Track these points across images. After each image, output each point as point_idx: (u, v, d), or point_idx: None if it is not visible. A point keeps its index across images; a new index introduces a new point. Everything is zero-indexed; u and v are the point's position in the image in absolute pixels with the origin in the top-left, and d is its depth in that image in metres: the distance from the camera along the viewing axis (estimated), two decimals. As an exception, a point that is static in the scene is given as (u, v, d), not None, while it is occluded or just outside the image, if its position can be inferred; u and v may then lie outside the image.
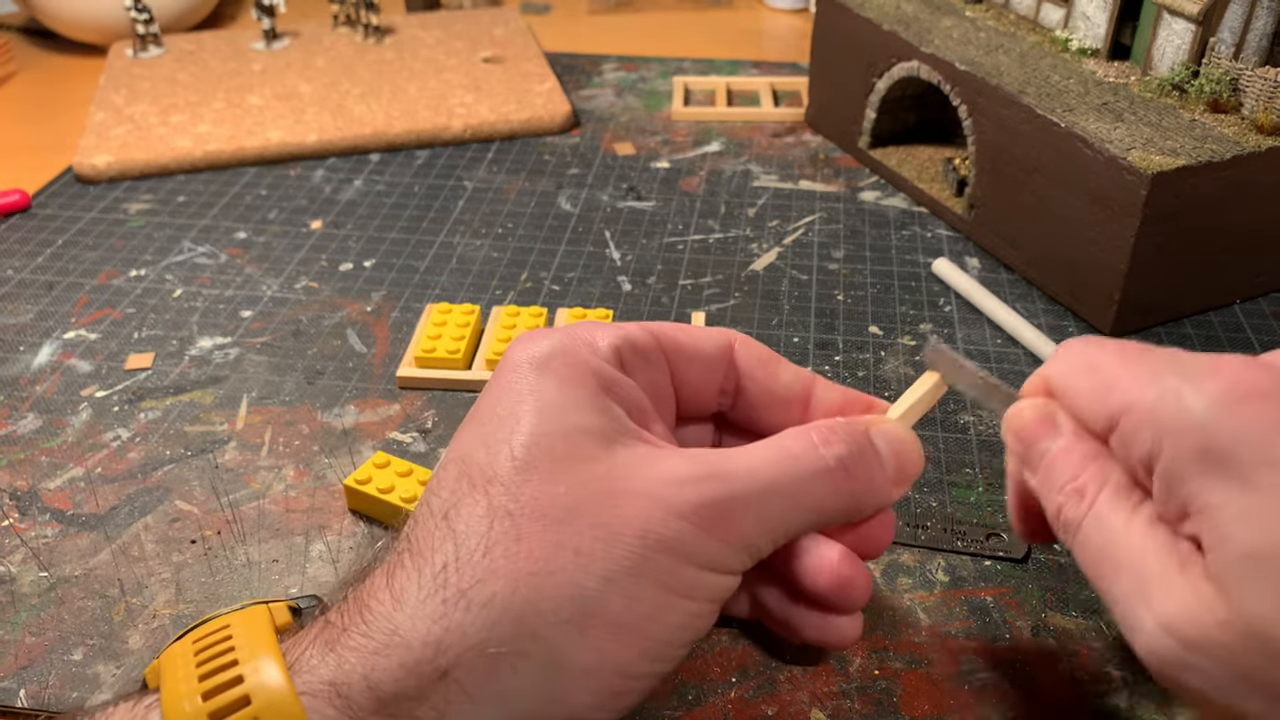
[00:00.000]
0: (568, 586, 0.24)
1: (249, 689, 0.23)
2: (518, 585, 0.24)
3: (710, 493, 0.25)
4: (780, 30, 0.95)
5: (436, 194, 0.66)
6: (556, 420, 0.26)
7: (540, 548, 0.24)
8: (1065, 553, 0.39)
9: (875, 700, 0.34)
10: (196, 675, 0.24)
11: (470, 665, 0.23)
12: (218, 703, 0.23)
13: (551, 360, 0.27)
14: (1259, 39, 0.50)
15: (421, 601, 0.24)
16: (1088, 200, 0.49)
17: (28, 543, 0.41)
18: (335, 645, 0.24)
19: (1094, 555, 0.26)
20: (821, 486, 0.27)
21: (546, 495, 0.25)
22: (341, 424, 0.46)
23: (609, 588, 0.24)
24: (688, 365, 0.31)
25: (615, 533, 0.24)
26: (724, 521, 0.25)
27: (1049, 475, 0.28)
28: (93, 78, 0.83)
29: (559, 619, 0.24)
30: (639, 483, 0.25)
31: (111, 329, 0.53)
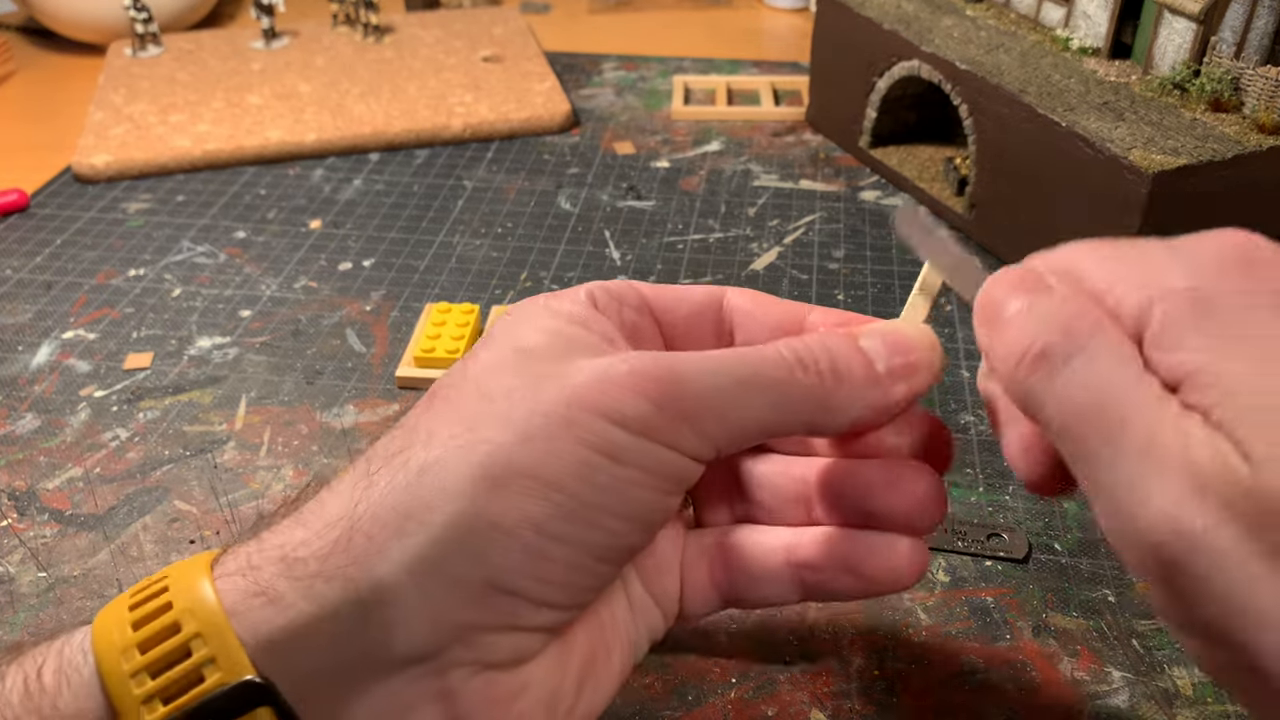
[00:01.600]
0: (484, 444, 0.23)
1: (172, 596, 0.23)
2: (435, 445, 0.23)
3: (649, 365, 0.24)
4: (780, 29, 0.95)
5: (436, 193, 0.66)
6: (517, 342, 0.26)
7: (464, 413, 0.24)
8: (1066, 553, 0.39)
9: (876, 700, 0.34)
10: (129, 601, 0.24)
11: (378, 517, 0.23)
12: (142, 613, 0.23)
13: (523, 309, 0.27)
14: (1260, 38, 0.50)
15: (349, 479, 0.24)
16: (1089, 200, 0.49)
17: (26, 543, 0.40)
18: (262, 531, 0.24)
19: (1082, 404, 0.21)
20: (777, 373, 0.25)
21: (488, 382, 0.25)
22: (341, 424, 0.46)
23: (526, 444, 0.23)
24: (673, 313, 0.29)
25: (542, 399, 0.24)
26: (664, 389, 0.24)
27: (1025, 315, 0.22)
28: (92, 77, 0.83)
29: (470, 475, 0.23)
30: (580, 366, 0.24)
31: (110, 329, 0.53)
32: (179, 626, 0.22)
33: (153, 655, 0.22)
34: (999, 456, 0.44)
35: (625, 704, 0.34)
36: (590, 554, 0.24)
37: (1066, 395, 0.21)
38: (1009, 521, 0.40)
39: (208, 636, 0.22)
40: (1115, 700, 0.33)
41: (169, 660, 0.22)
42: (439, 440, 0.23)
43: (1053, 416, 0.21)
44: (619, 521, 0.24)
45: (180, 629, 0.22)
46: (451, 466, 0.23)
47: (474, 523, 0.22)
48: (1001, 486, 0.42)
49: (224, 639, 0.22)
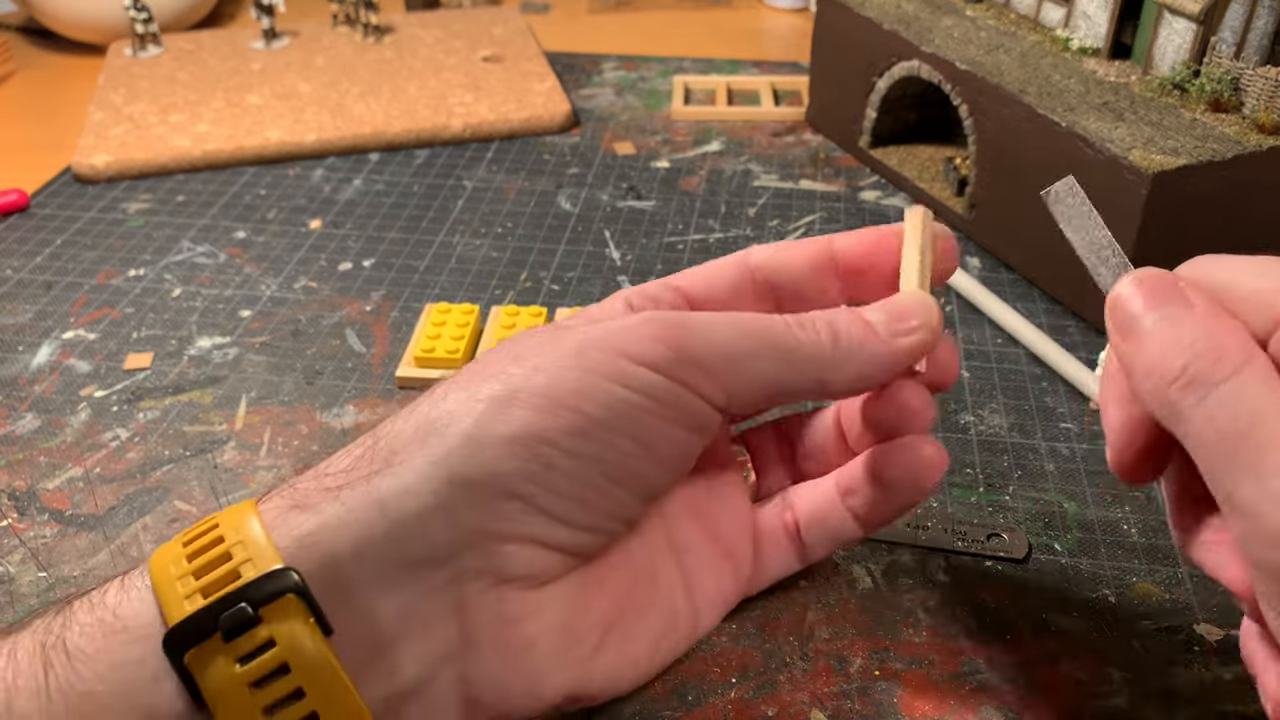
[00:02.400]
0: (498, 374, 0.26)
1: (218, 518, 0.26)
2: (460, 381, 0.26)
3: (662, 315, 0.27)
4: (780, 29, 0.95)
5: (436, 193, 0.66)
6: None
7: (490, 361, 0.27)
8: (1066, 553, 0.39)
9: (876, 701, 0.34)
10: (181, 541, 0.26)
11: (402, 432, 0.25)
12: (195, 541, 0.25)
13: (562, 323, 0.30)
14: (1260, 38, 0.50)
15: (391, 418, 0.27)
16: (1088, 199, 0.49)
17: (26, 543, 0.40)
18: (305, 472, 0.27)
19: (1227, 428, 0.22)
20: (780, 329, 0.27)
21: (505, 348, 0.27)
22: (341, 424, 0.46)
23: (536, 372, 0.26)
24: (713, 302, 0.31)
25: (557, 341, 0.26)
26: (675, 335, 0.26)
27: (1172, 333, 0.24)
28: (91, 77, 0.83)
29: (489, 394, 0.25)
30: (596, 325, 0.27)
31: (110, 329, 0.53)
32: (222, 539, 0.25)
33: (198, 563, 0.24)
34: (999, 456, 0.44)
35: (625, 704, 0.34)
36: (601, 472, 0.26)
37: (1213, 418, 0.22)
38: (1009, 522, 0.40)
39: (246, 543, 0.24)
40: (1115, 700, 0.33)
41: (211, 564, 0.24)
42: (463, 379, 0.26)
43: (1197, 434, 0.23)
44: (629, 443, 0.26)
45: (223, 540, 0.24)
46: (474, 392, 0.26)
47: (485, 434, 0.25)
48: (1001, 487, 0.42)
49: (259, 542, 0.24)
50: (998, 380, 0.48)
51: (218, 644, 0.23)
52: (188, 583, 0.24)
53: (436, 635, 0.25)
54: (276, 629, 0.23)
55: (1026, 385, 0.48)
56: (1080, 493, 0.42)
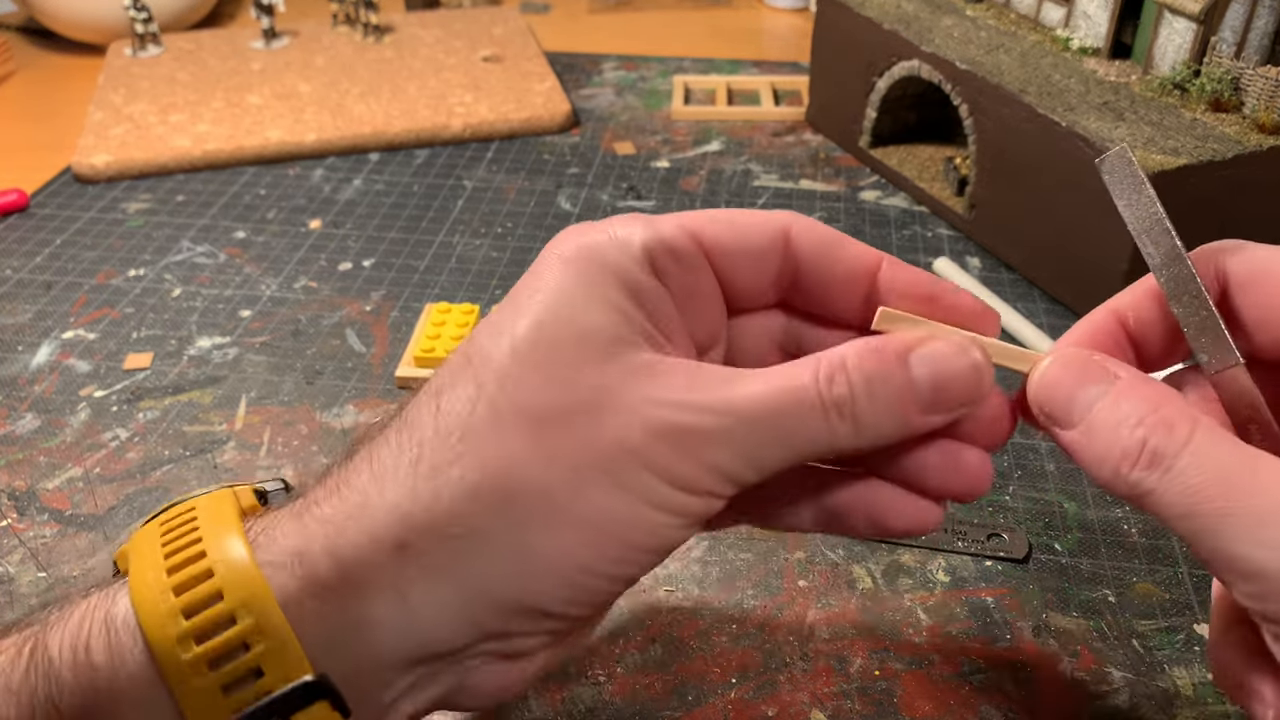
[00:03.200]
0: (537, 482, 0.24)
1: (211, 562, 0.23)
2: (488, 472, 0.24)
3: (690, 421, 0.25)
4: (781, 29, 0.95)
5: (436, 193, 0.66)
6: (566, 314, 0.25)
7: (516, 441, 0.24)
8: (1066, 553, 0.39)
9: (876, 701, 0.34)
10: (162, 554, 0.24)
11: (430, 540, 0.24)
12: (181, 577, 0.23)
13: (579, 256, 0.26)
14: (1260, 38, 0.50)
15: (395, 472, 0.24)
16: (1089, 200, 0.49)
17: (26, 543, 0.40)
18: (303, 516, 0.25)
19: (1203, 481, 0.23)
20: (816, 425, 0.25)
21: (534, 390, 0.25)
22: (340, 424, 0.46)
23: (578, 491, 0.24)
24: (733, 262, 0.29)
25: (592, 440, 0.24)
26: (701, 449, 0.25)
27: (1115, 411, 0.24)
28: (91, 77, 0.83)
29: (525, 512, 0.24)
30: (627, 397, 0.25)
31: (110, 329, 0.53)
32: (234, 619, 0.23)
33: (209, 647, 0.23)
34: (999, 456, 0.44)
35: (625, 704, 0.34)
36: (621, 583, 0.26)
37: (1184, 484, 0.23)
38: (1009, 522, 0.40)
39: (266, 631, 0.23)
40: (1115, 700, 0.33)
41: (226, 651, 0.23)
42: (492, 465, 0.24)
43: (1171, 505, 0.23)
44: (649, 555, 0.26)
45: (236, 621, 0.23)
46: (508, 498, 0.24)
47: (523, 556, 0.24)
48: (1001, 487, 0.42)
49: (282, 637, 0.23)
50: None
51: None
52: (201, 670, 0.23)
53: (437, 688, 0.25)
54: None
55: (1026, 385, 0.48)
56: (1080, 493, 0.42)
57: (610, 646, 0.36)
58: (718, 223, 0.28)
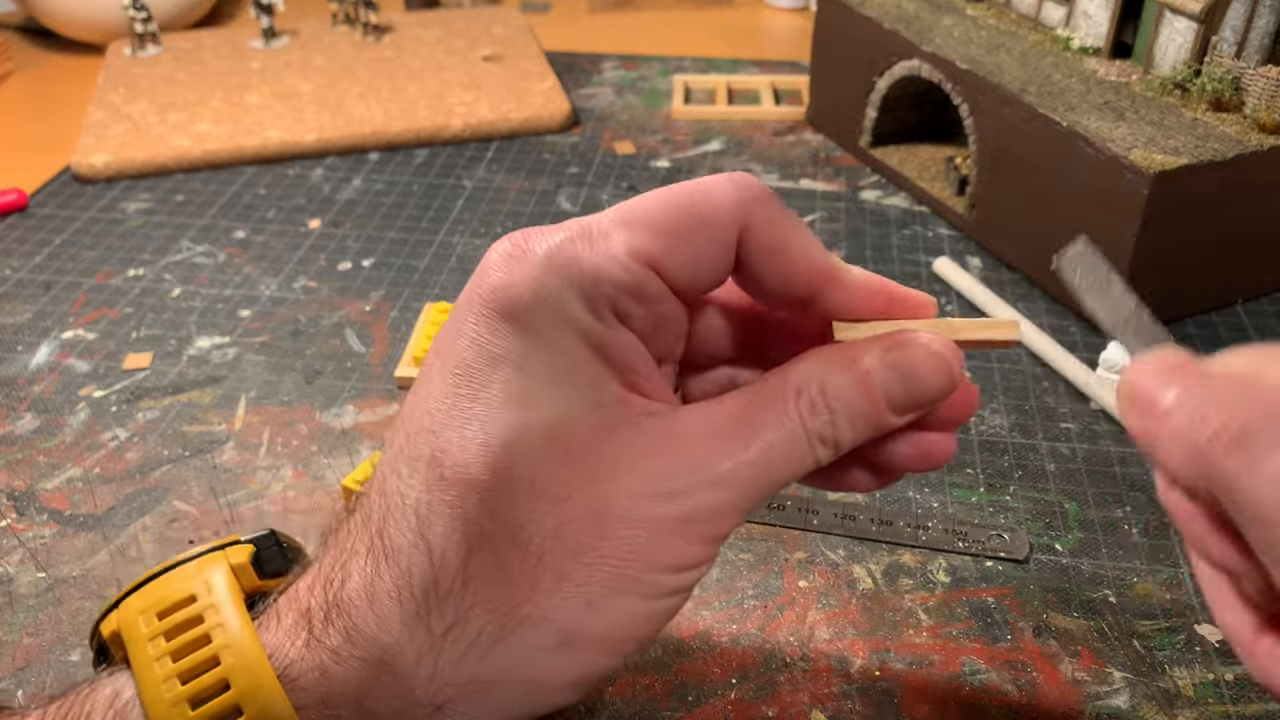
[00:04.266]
0: (552, 615, 0.24)
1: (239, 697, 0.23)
2: (504, 620, 0.24)
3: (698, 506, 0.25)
4: (781, 29, 0.94)
5: (435, 193, 0.66)
6: (540, 410, 0.23)
7: (522, 578, 0.24)
8: (1067, 553, 0.39)
9: (876, 701, 0.34)
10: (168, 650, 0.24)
11: (463, 696, 0.24)
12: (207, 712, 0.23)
13: (531, 313, 0.23)
14: (1261, 38, 0.50)
15: (407, 627, 0.24)
16: (1089, 199, 0.49)
17: (25, 543, 0.40)
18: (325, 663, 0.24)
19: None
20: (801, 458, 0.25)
21: (526, 515, 0.23)
22: (340, 424, 0.46)
23: (591, 611, 0.24)
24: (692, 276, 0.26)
25: (599, 557, 0.24)
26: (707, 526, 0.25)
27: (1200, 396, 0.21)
28: (91, 77, 0.83)
29: (545, 647, 0.24)
30: (624, 498, 0.24)
31: (109, 329, 0.53)
32: None
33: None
34: (999, 456, 0.44)
35: (625, 704, 0.34)
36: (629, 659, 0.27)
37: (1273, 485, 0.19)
38: (1009, 522, 0.40)
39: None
40: (1116, 701, 0.33)
41: None
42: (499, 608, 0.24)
43: (1251, 504, 0.19)
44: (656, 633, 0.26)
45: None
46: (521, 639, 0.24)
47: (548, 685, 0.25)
48: (1002, 487, 0.42)
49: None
50: (998, 380, 0.48)
51: None
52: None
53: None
54: None
55: (1027, 385, 0.48)
56: (1081, 493, 0.42)
57: (610, 647, 0.36)
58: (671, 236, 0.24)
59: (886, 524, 0.40)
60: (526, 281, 0.23)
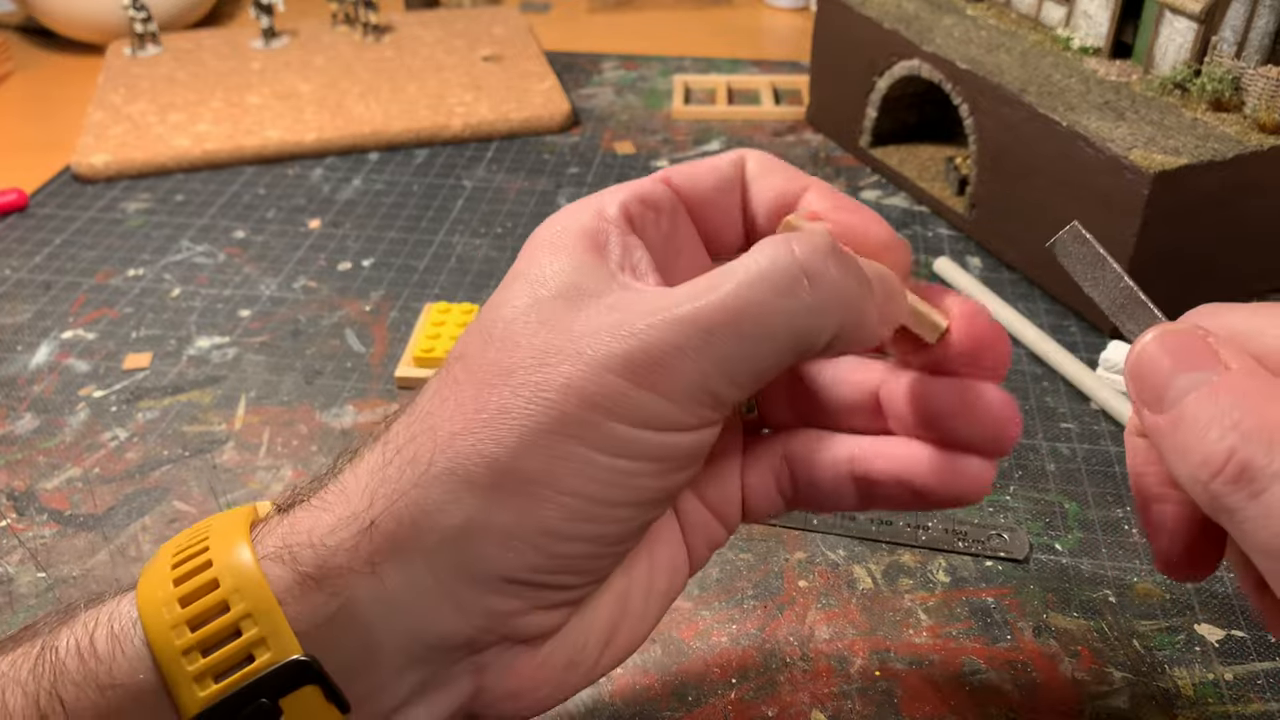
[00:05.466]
0: (487, 444, 0.23)
1: (211, 555, 0.24)
2: (441, 445, 0.24)
3: (641, 343, 0.23)
4: (781, 28, 0.94)
5: (435, 193, 0.66)
6: (532, 292, 0.25)
7: (465, 408, 0.24)
8: (1067, 553, 0.39)
9: (876, 701, 0.34)
10: (171, 557, 0.24)
11: (394, 514, 0.23)
12: (183, 571, 0.24)
13: (550, 232, 0.27)
14: (1261, 38, 0.50)
15: (369, 462, 0.25)
16: (1089, 200, 0.49)
17: (25, 543, 0.40)
18: (293, 509, 0.25)
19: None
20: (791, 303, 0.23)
21: (492, 361, 0.24)
22: (340, 424, 0.46)
23: (526, 446, 0.23)
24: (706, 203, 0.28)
25: (539, 389, 0.23)
26: (658, 372, 0.23)
27: (1209, 408, 0.21)
28: (91, 77, 0.83)
29: (476, 480, 0.23)
30: (576, 337, 0.23)
31: (109, 329, 0.53)
32: (227, 605, 0.23)
33: (203, 634, 0.23)
34: (999, 456, 0.44)
35: (625, 704, 0.34)
36: (604, 543, 0.25)
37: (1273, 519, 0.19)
38: (1010, 522, 0.40)
39: (257, 616, 0.23)
40: (1116, 701, 0.33)
41: (219, 638, 0.23)
42: (443, 438, 0.24)
43: (1254, 537, 0.20)
44: (630, 509, 0.24)
45: (229, 608, 0.23)
46: (457, 471, 0.23)
47: (481, 529, 0.23)
48: (1002, 487, 0.42)
49: (273, 620, 0.23)
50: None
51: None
52: (194, 658, 0.23)
53: (452, 692, 0.25)
54: None
55: (1027, 385, 0.48)
56: (1081, 493, 0.42)
57: (610, 647, 0.36)
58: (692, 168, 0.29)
59: (886, 524, 0.40)
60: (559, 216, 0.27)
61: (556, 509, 0.23)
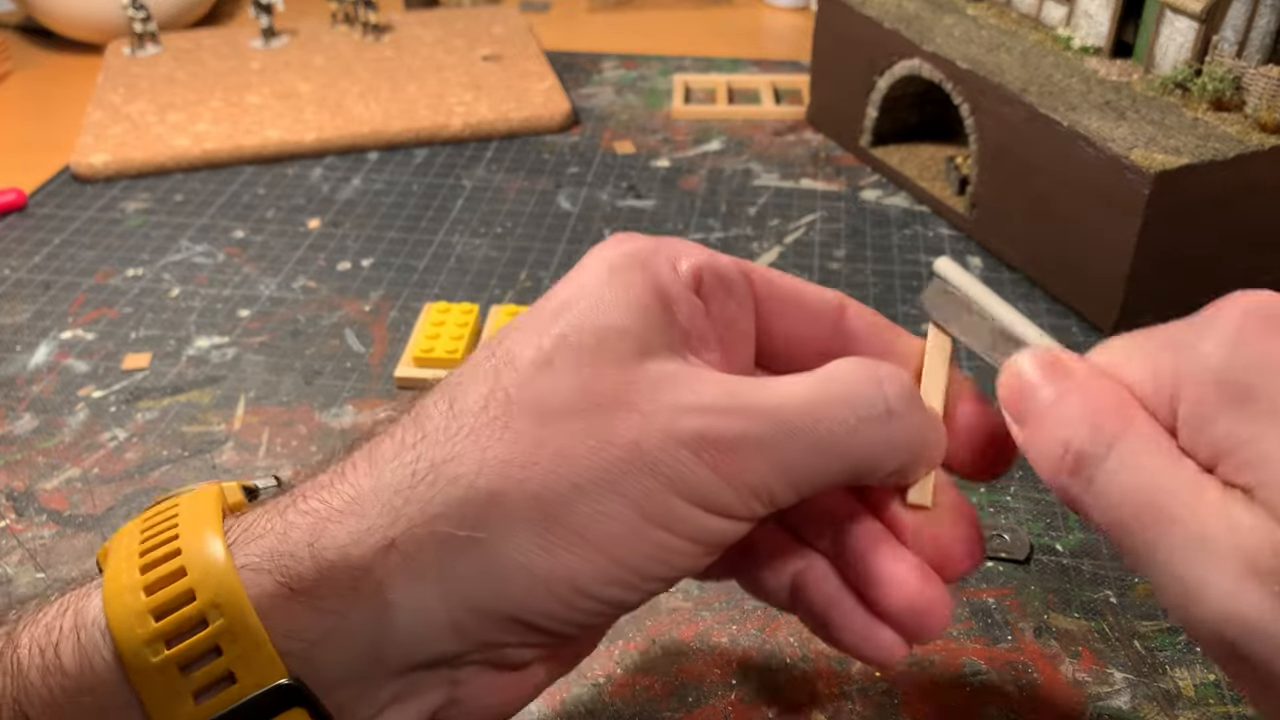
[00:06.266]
0: (536, 484, 0.22)
1: (185, 561, 0.22)
2: (487, 470, 0.22)
3: (721, 428, 0.23)
4: (781, 28, 0.94)
5: (435, 193, 0.66)
6: (595, 317, 0.24)
7: (523, 439, 0.23)
8: (1068, 554, 0.39)
9: (876, 702, 0.33)
10: (138, 552, 0.23)
11: (418, 539, 0.22)
12: (154, 576, 0.22)
13: (620, 262, 0.25)
14: (1262, 37, 0.50)
15: (393, 470, 0.23)
16: (1090, 199, 0.49)
17: (24, 544, 0.40)
18: (287, 511, 0.23)
19: (1125, 500, 0.21)
20: (872, 432, 0.24)
21: (551, 390, 0.23)
22: (340, 424, 0.46)
23: (579, 496, 0.22)
24: (781, 311, 0.28)
25: (603, 441, 0.22)
26: (730, 459, 0.22)
27: (1054, 412, 0.22)
28: (90, 76, 0.83)
29: (519, 514, 0.22)
30: (649, 399, 0.23)
31: (109, 329, 0.53)
32: (205, 620, 0.22)
33: (180, 650, 0.21)
34: (1000, 457, 0.43)
35: (625, 704, 0.34)
36: (621, 609, 0.24)
37: (1107, 497, 0.21)
38: (1010, 522, 0.40)
39: (238, 634, 0.21)
40: (1117, 701, 0.33)
41: (197, 654, 0.21)
42: (490, 464, 0.22)
43: (1099, 519, 0.21)
44: (659, 584, 0.24)
45: (207, 623, 0.21)
46: (501, 503, 0.22)
47: (512, 567, 0.22)
48: (1003, 487, 0.42)
49: (255, 639, 0.21)
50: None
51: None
52: (171, 675, 0.21)
53: (428, 700, 0.24)
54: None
55: (1027, 385, 0.48)
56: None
57: (610, 647, 0.36)
58: (776, 273, 0.28)
59: (887, 524, 0.40)
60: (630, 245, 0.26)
61: (591, 567, 0.23)
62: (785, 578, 0.27)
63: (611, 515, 0.22)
